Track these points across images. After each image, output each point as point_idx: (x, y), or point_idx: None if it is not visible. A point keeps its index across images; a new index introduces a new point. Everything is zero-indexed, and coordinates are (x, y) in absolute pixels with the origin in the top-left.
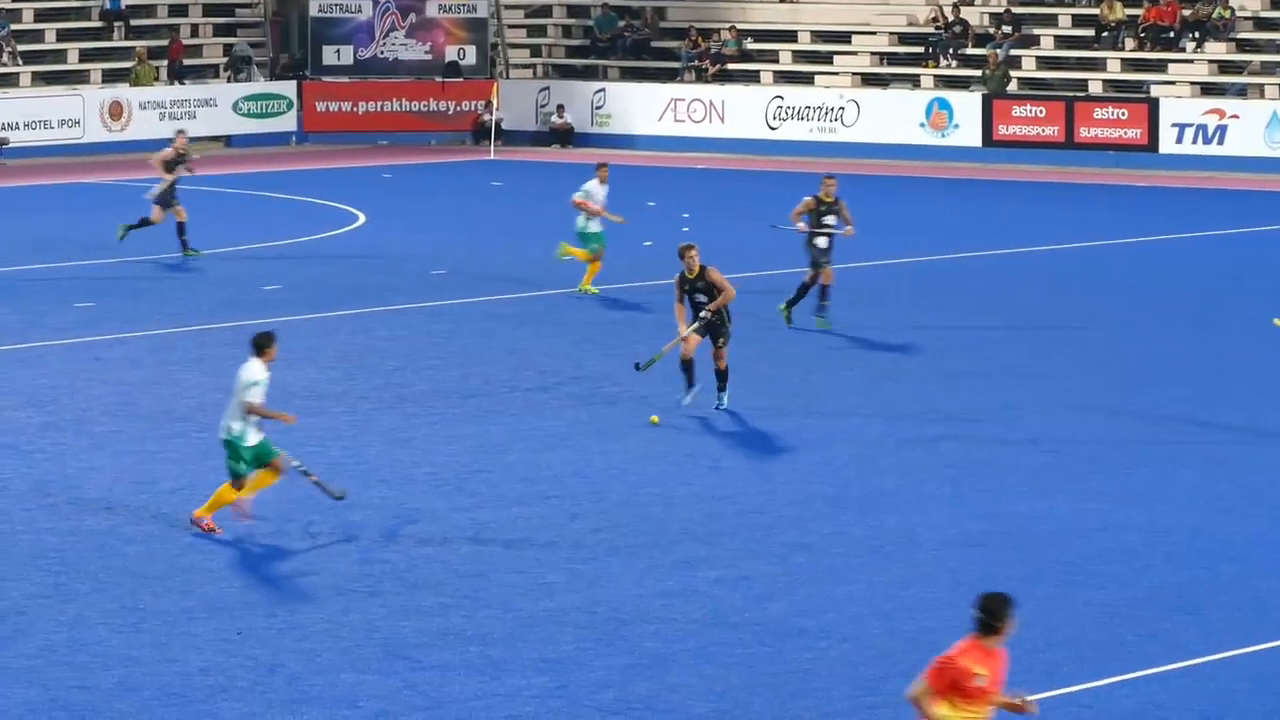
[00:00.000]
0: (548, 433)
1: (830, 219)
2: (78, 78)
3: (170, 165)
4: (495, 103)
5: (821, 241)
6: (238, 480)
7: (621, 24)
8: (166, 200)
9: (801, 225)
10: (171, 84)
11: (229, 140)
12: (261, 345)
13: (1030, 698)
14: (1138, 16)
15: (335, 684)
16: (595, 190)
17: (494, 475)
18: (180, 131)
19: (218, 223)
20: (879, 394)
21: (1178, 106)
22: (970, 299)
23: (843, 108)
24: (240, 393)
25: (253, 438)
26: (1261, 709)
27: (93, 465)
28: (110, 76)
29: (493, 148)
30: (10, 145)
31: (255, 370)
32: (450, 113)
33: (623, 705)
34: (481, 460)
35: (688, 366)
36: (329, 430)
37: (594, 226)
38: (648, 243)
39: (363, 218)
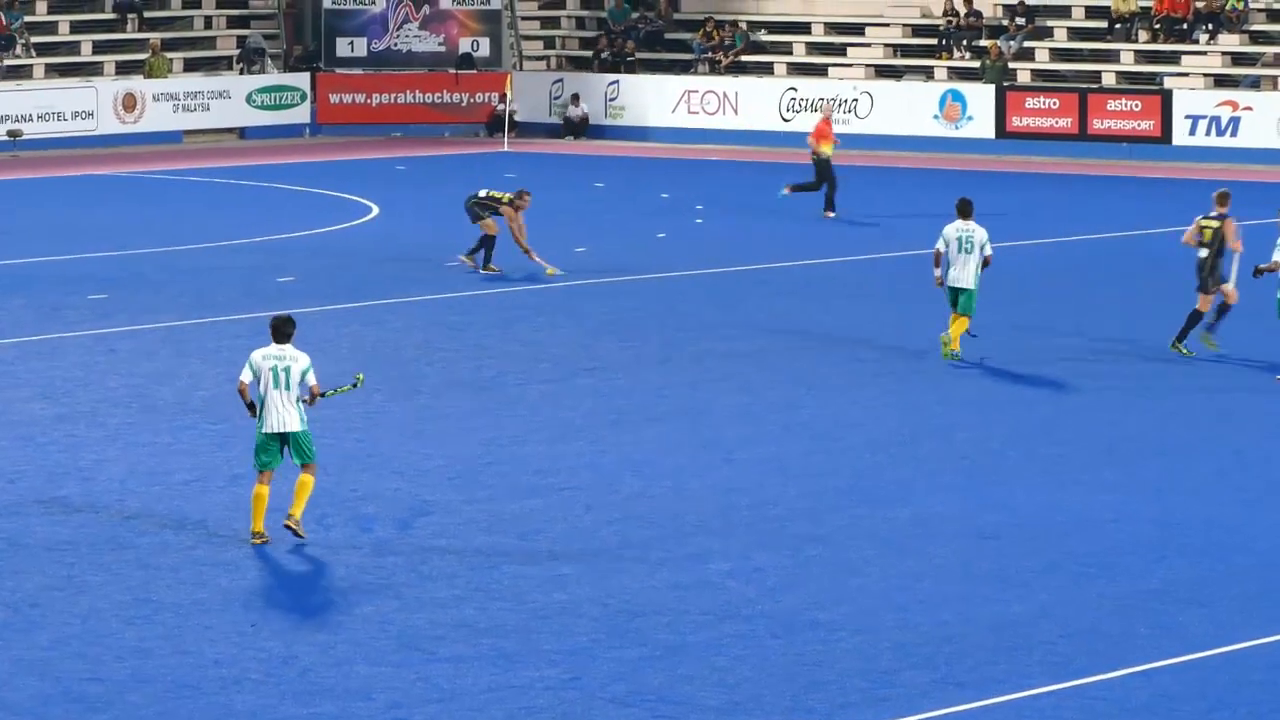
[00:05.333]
0: (562, 424)
1: None
2: (91, 70)
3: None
4: (510, 94)
5: None
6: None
7: (635, 15)
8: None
9: None
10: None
11: (243, 132)
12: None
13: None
14: (1150, 8)
15: (349, 676)
16: None
17: (507, 467)
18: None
19: (232, 215)
20: (892, 386)
21: (1191, 98)
22: (983, 292)
23: (856, 99)
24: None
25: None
26: (1275, 701)
27: (106, 457)
28: (124, 68)
29: (506, 140)
30: (24, 137)
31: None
32: (464, 104)
33: (635, 697)
34: (495, 452)
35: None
36: (342, 422)
37: None
38: (661, 234)
39: (376, 210)
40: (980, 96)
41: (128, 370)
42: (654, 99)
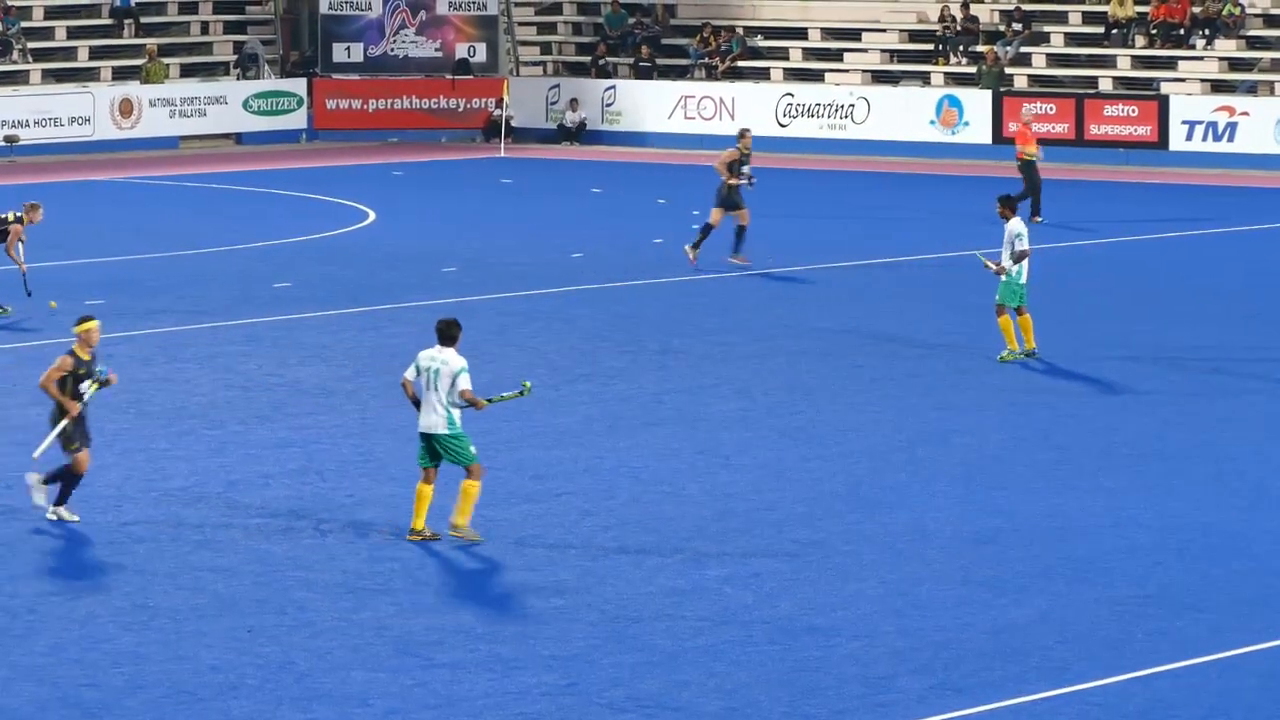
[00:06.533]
0: (559, 430)
1: None
2: (88, 75)
3: (733, 166)
4: (506, 100)
5: None
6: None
7: (631, 21)
8: (732, 203)
9: None
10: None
11: (239, 138)
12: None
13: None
14: (1147, 14)
15: (346, 682)
16: None
17: (504, 473)
18: (746, 130)
19: (228, 220)
20: (890, 391)
21: (1188, 104)
22: (977, 296)
23: (853, 105)
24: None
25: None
26: (1271, 706)
27: (103, 463)
28: (120, 74)
29: (503, 145)
30: (21, 143)
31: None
32: (461, 110)
33: (632, 703)
34: (492, 457)
35: None
36: (339, 428)
37: None
38: (658, 240)
39: (373, 215)
40: (977, 102)
41: (124, 376)
42: (651, 104)
